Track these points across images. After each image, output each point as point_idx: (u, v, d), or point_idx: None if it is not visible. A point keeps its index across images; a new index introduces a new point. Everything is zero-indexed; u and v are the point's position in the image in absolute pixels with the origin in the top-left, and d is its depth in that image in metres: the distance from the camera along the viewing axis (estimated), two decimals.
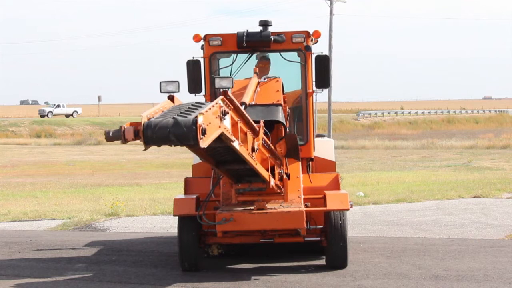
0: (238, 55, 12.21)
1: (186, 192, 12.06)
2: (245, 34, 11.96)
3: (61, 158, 47.41)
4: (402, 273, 10.98)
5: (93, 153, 52.69)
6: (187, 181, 12.24)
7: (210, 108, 8.35)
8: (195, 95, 12.15)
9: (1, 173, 36.41)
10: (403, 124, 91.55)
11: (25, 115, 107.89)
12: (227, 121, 8.73)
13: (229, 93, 9.09)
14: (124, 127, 8.46)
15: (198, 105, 8.80)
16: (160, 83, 9.72)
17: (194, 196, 11.31)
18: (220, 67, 12.34)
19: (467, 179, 26.22)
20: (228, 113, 8.76)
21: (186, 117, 8.31)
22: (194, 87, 12.09)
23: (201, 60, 12.19)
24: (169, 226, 16.45)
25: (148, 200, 21.57)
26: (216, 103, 8.53)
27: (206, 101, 11.87)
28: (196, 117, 8.13)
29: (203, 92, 12.21)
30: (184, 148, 8.72)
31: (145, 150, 8.56)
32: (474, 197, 20.51)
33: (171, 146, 8.57)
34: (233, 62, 12.20)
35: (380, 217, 17.18)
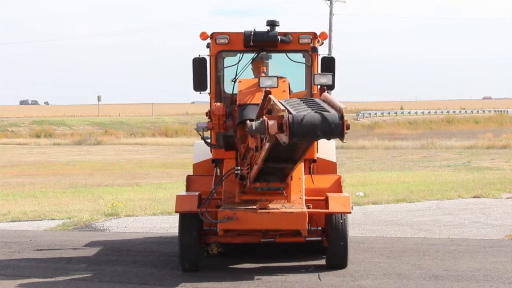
0: (244, 54, 12.21)
1: (188, 190, 12.07)
2: (252, 33, 11.97)
3: (61, 158, 47.38)
4: (402, 273, 10.99)
5: (93, 153, 52.66)
6: (189, 178, 12.25)
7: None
8: (200, 93, 12.19)
9: (1, 173, 36.39)
10: (403, 124, 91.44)
11: (25, 115, 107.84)
12: None
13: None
14: (267, 121, 8.58)
15: (316, 101, 9.17)
16: (259, 78, 10.33)
17: (197, 193, 11.32)
18: (225, 66, 12.35)
19: (466, 179, 26.21)
20: None
21: (329, 112, 8.57)
22: (199, 85, 12.12)
23: (207, 58, 12.21)
24: (169, 226, 16.45)
25: (148, 200, 21.57)
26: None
27: (212, 99, 12.19)
28: (341, 112, 8.42)
29: (208, 90, 12.24)
30: (184, 148, 8.86)
31: (285, 143, 8.63)
32: (473, 197, 20.51)
33: (310, 140, 8.81)
34: (239, 61, 12.19)
35: (380, 217, 17.19)
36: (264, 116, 8.79)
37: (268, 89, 9.88)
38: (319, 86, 10.68)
